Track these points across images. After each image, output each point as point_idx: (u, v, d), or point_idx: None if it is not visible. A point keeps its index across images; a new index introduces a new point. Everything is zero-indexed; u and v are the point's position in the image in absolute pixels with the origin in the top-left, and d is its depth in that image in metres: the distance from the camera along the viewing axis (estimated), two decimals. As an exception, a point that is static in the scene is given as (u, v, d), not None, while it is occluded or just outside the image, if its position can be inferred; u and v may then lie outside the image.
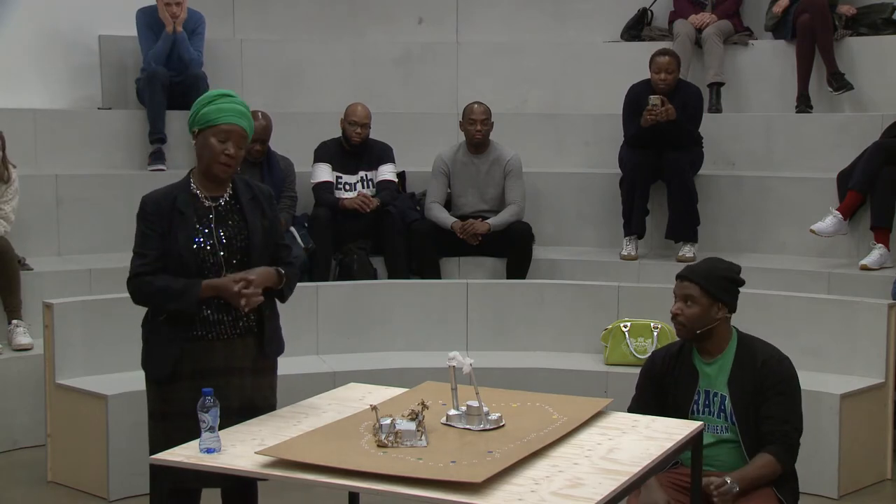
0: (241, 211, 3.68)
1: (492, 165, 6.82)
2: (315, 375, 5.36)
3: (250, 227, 3.66)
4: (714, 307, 3.75)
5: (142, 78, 7.27)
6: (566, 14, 8.32)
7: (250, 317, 3.66)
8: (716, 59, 7.47)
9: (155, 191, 3.73)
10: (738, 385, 3.73)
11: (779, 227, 6.78)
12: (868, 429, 5.20)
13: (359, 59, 8.05)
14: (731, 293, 3.82)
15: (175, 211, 3.61)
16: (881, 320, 5.29)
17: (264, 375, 3.74)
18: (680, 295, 3.77)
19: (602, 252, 6.95)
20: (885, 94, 7.23)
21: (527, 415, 3.41)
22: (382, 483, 2.85)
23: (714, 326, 3.77)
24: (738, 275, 3.86)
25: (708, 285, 3.75)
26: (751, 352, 3.79)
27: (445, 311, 6.02)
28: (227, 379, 3.61)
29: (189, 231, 3.60)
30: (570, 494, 2.80)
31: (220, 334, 3.63)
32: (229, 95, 3.69)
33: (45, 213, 6.60)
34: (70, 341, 5.27)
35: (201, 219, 3.63)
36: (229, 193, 3.70)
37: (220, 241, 3.62)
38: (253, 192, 3.75)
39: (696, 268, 3.85)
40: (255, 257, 3.66)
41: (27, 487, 5.20)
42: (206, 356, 3.61)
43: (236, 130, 3.62)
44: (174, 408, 3.60)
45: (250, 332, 3.68)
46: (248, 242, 3.65)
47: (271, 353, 3.75)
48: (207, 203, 3.66)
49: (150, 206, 3.64)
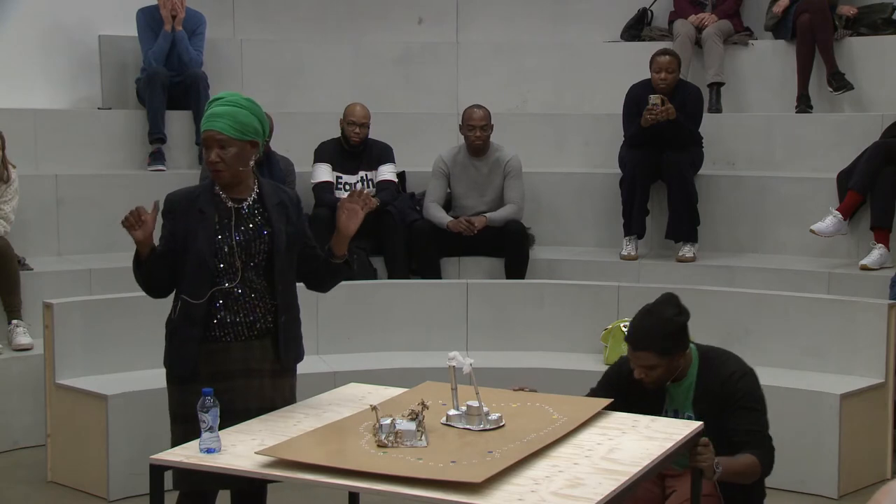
0: (265, 214, 3.65)
1: (492, 167, 6.82)
2: (315, 375, 5.35)
3: (275, 231, 3.63)
4: (675, 359, 3.66)
5: (142, 78, 7.28)
6: (566, 14, 8.31)
7: (267, 318, 3.64)
8: (716, 59, 7.47)
9: (178, 189, 3.74)
10: (704, 404, 3.69)
11: (779, 227, 6.78)
12: (868, 429, 5.20)
13: (359, 59, 8.05)
14: (684, 337, 3.69)
15: (196, 210, 3.61)
16: (881, 320, 5.28)
17: (284, 377, 3.71)
18: (639, 365, 3.65)
19: (602, 252, 6.95)
20: (885, 94, 7.23)
21: (527, 415, 3.41)
22: (382, 483, 2.85)
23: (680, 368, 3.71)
24: (683, 316, 3.70)
25: (662, 348, 3.62)
26: (713, 369, 3.72)
27: (445, 311, 6.01)
28: (246, 381, 3.59)
29: (209, 231, 3.58)
30: (570, 494, 2.80)
31: (237, 336, 3.60)
32: (216, 100, 3.65)
33: (45, 213, 6.60)
34: (70, 341, 5.27)
35: (222, 220, 3.61)
36: (253, 197, 3.67)
37: (238, 245, 3.59)
38: (281, 197, 3.72)
39: (642, 332, 3.65)
40: (279, 262, 3.63)
41: (27, 487, 5.20)
42: (223, 358, 3.59)
43: (212, 136, 3.57)
44: (192, 410, 3.57)
45: (268, 333, 3.65)
46: (272, 247, 3.62)
47: (288, 359, 3.71)
48: (230, 204, 3.64)
49: (167, 204, 3.67)
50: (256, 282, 3.62)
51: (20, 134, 6.52)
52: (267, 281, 3.64)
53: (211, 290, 3.57)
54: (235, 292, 3.59)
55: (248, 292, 3.61)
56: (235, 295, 3.59)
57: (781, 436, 5.10)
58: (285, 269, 3.67)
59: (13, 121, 6.48)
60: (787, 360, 5.46)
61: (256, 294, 3.62)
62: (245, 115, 3.62)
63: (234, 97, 3.65)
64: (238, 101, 3.64)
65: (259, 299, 3.63)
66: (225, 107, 3.60)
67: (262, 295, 3.63)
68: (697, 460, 3.39)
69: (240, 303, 3.60)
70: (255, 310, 3.62)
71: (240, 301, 3.60)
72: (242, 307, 3.60)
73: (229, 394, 3.52)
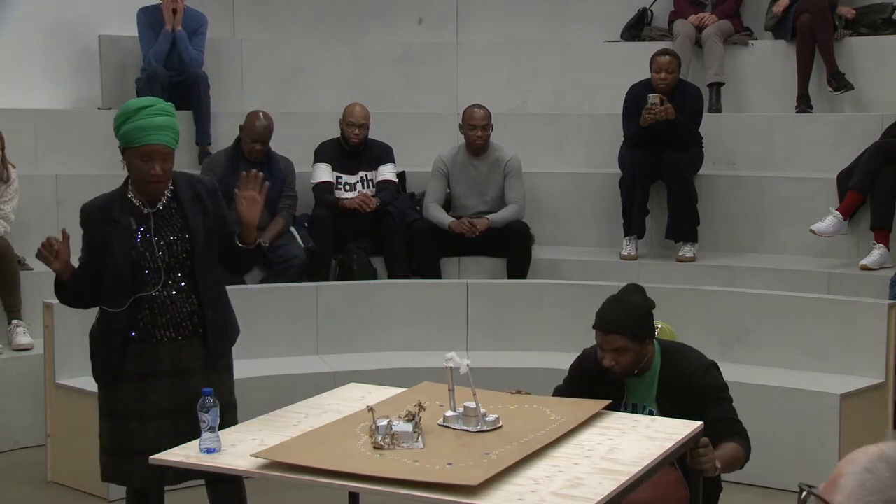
0: (182, 213, 3.64)
1: (492, 167, 6.81)
2: (315, 375, 5.36)
3: (191, 229, 3.62)
4: (644, 345, 3.68)
5: (142, 78, 7.27)
6: (566, 14, 8.31)
7: (193, 318, 3.63)
8: (716, 59, 7.47)
9: (93, 199, 3.72)
10: (667, 400, 3.69)
11: (779, 227, 6.77)
12: (868, 429, 5.19)
13: (359, 59, 8.05)
14: (652, 326, 3.74)
15: (110, 220, 3.60)
16: (881, 320, 5.28)
17: (217, 372, 3.69)
18: (609, 349, 3.67)
19: (602, 252, 6.94)
20: (885, 94, 7.22)
21: (524, 416, 3.40)
22: (378, 485, 2.85)
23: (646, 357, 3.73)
24: (650, 304, 3.75)
25: (633, 331, 3.65)
26: (676, 365, 3.73)
27: (445, 311, 6.01)
28: (175, 381, 3.59)
29: (125, 241, 3.57)
30: (570, 494, 2.80)
31: (162, 337, 3.60)
32: (146, 108, 3.59)
33: (45, 213, 6.59)
34: (70, 341, 5.26)
35: (139, 227, 3.60)
36: (168, 196, 3.66)
37: (160, 249, 3.59)
38: (195, 189, 3.69)
39: (613, 315, 3.70)
40: (199, 259, 3.62)
41: (27, 487, 5.20)
42: (150, 358, 3.59)
43: (158, 150, 3.55)
44: (118, 408, 3.62)
45: (195, 333, 3.65)
46: (192, 246, 3.61)
47: (217, 347, 3.69)
48: (146, 210, 3.62)
49: (83, 215, 3.67)
50: (180, 283, 3.62)
51: (20, 134, 6.52)
52: (190, 280, 3.63)
53: (131, 297, 3.56)
54: (160, 296, 3.59)
55: (171, 295, 3.60)
56: (161, 299, 3.59)
57: (781, 436, 5.14)
58: (206, 266, 3.66)
59: (13, 121, 6.48)
60: (787, 360, 5.46)
61: (181, 295, 3.61)
62: (176, 124, 3.65)
63: (163, 105, 3.63)
64: (169, 109, 3.63)
65: (185, 300, 3.62)
66: (163, 117, 3.58)
67: (188, 295, 3.63)
68: (700, 462, 3.38)
69: (165, 306, 3.59)
70: (180, 311, 3.61)
71: (165, 304, 3.59)
72: (168, 310, 3.59)
73: (157, 393, 3.57)
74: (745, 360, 5.49)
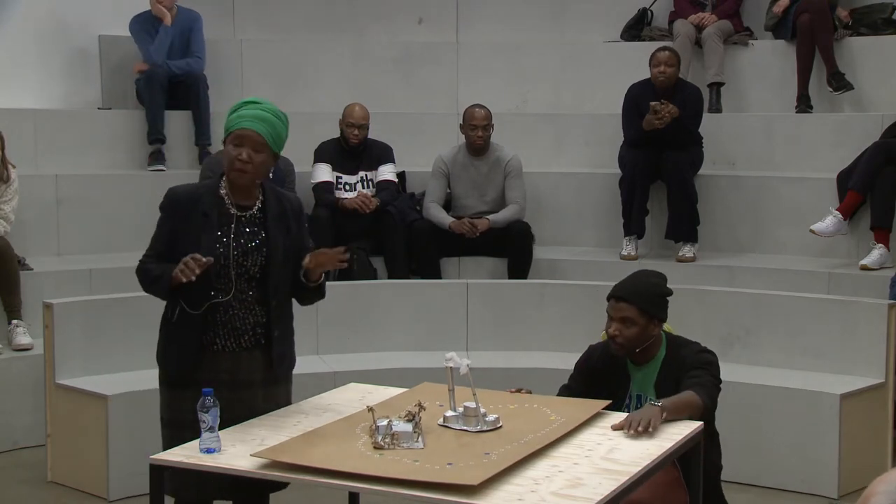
0: (265, 226, 3.59)
1: (492, 167, 6.82)
2: (315, 375, 5.36)
3: (271, 244, 3.56)
4: (651, 325, 3.71)
5: (141, 78, 7.28)
6: (566, 14, 8.31)
7: (257, 331, 3.59)
8: (716, 59, 7.47)
9: (181, 185, 3.68)
10: (665, 386, 3.69)
11: (779, 227, 6.77)
12: (868, 429, 5.19)
13: (359, 58, 8.05)
14: (664, 307, 3.78)
15: (198, 213, 3.54)
16: (881, 320, 5.28)
17: (278, 385, 3.67)
18: (617, 317, 3.70)
19: (602, 252, 6.94)
20: (885, 94, 7.22)
21: (524, 416, 3.41)
22: (378, 485, 2.85)
23: (650, 340, 3.74)
24: (668, 289, 3.82)
25: (644, 305, 3.69)
26: (678, 355, 3.75)
27: (445, 311, 6.01)
28: (233, 392, 3.52)
29: (212, 237, 3.51)
30: (570, 494, 2.80)
31: (224, 347, 3.56)
32: (253, 103, 3.60)
33: (45, 213, 6.60)
34: (70, 341, 5.27)
35: (222, 226, 3.55)
36: (258, 206, 3.61)
37: (235, 254, 3.53)
38: (283, 206, 3.65)
39: (628, 286, 3.76)
40: (274, 276, 3.57)
41: (27, 487, 5.20)
42: (211, 367, 3.54)
43: (249, 135, 3.50)
44: (177, 417, 3.56)
45: (257, 346, 3.60)
46: (268, 261, 3.56)
47: (281, 371, 3.67)
48: (233, 211, 3.58)
49: (167, 200, 3.61)
50: (248, 294, 3.57)
51: (20, 134, 6.53)
52: (260, 293, 3.58)
53: (209, 300, 3.51)
54: (226, 304, 3.53)
55: (238, 304, 3.55)
56: (225, 307, 3.54)
57: (781, 436, 5.15)
58: (280, 284, 3.60)
59: (13, 121, 6.49)
60: (787, 360, 5.46)
61: (246, 306, 3.57)
62: (282, 129, 3.61)
63: (273, 107, 3.61)
64: (278, 112, 3.60)
65: (249, 312, 3.58)
66: (267, 114, 3.56)
67: (252, 307, 3.58)
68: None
69: (230, 314, 3.55)
70: (245, 322, 3.57)
71: (230, 312, 3.55)
72: (232, 319, 3.55)
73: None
74: (745, 360, 5.49)
